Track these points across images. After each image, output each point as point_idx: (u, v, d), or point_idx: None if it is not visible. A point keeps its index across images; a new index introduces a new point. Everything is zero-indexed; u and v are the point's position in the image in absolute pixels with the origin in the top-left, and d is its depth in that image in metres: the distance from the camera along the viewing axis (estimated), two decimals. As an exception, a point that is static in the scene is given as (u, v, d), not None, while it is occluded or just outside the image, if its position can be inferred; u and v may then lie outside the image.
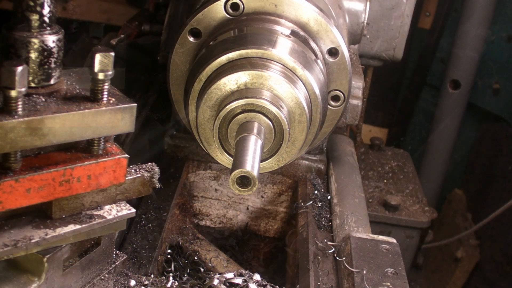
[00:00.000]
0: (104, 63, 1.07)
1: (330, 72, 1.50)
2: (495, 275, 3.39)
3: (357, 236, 1.48)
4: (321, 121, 1.46)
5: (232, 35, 1.41)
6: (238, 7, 1.45)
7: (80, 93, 1.11)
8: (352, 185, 1.83)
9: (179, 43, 1.49)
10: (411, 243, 2.75)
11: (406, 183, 2.88)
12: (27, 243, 1.07)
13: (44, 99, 1.06)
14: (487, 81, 3.74)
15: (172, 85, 1.55)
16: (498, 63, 3.67)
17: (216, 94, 1.34)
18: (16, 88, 0.96)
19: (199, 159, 1.86)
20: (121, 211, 1.22)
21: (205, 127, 1.39)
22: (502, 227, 3.40)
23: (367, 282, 1.32)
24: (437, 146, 3.86)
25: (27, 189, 1.04)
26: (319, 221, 1.65)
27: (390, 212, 2.66)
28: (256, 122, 1.30)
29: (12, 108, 0.98)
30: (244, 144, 1.24)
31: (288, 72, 1.35)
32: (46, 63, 1.07)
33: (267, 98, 1.31)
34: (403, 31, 2.08)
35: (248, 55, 1.35)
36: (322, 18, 1.45)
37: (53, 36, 1.07)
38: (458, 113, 3.78)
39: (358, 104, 1.73)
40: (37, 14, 1.04)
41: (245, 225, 1.92)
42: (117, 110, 1.11)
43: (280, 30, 1.42)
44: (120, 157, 1.15)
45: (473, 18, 3.55)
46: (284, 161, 1.42)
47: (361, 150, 2.99)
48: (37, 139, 1.02)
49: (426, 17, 3.89)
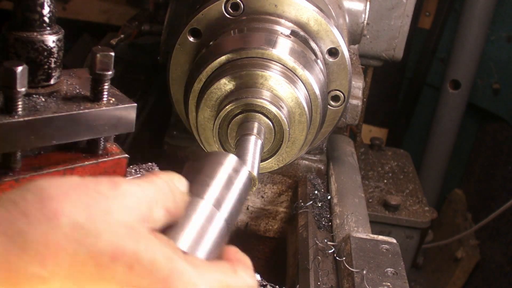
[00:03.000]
0: (104, 63, 1.07)
1: (330, 72, 1.50)
2: (495, 275, 3.39)
3: (357, 236, 1.48)
4: (321, 121, 1.46)
5: (232, 35, 1.41)
6: (238, 7, 1.45)
7: (80, 93, 1.11)
8: (352, 185, 1.83)
9: (179, 43, 1.49)
10: (411, 243, 2.74)
11: (406, 183, 2.88)
12: (27, 243, 1.07)
13: (44, 99, 1.06)
14: (487, 81, 3.74)
15: (172, 85, 1.55)
16: (498, 63, 3.67)
17: (216, 94, 1.34)
18: (16, 88, 0.96)
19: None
20: (121, 211, 1.21)
21: (205, 127, 1.39)
22: (502, 227, 3.40)
23: (367, 282, 1.32)
24: (437, 146, 3.85)
25: (27, 189, 1.03)
26: (319, 221, 1.65)
27: (390, 212, 2.65)
28: (256, 122, 1.30)
29: (12, 108, 0.99)
30: (244, 144, 1.24)
31: (288, 72, 1.35)
32: (46, 63, 1.07)
33: (267, 98, 1.31)
34: (403, 31, 2.08)
35: (248, 55, 1.35)
36: (322, 18, 1.45)
37: (53, 36, 1.07)
38: (458, 113, 3.78)
39: (358, 104, 1.73)
40: (37, 14, 1.04)
41: (245, 225, 1.92)
42: (117, 110, 1.11)
43: (280, 30, 1.43)
44: (120, 157, 1.15)
45: (473, 18, 3.55)
46: (284, 161, 1.42)
47: (361, 150, 2.99)
48: (37, 139, 1.02)
49: (426, 17, 3.89)
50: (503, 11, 3.61)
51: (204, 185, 0.91)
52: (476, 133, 3.95)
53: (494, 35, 3.66)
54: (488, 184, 3.70)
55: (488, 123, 3.85)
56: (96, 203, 0.73)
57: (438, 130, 3.83)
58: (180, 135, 1.86)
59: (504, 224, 3.38)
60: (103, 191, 0.75)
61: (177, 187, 0.85)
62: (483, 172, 3.79)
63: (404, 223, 2.67)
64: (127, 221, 0.75)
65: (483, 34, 3.59)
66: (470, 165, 3.97)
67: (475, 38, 3.58)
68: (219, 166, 0.96)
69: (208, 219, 0.87)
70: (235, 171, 0.97)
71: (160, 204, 0.80)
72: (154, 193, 0.80)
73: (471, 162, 3.97)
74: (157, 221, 0.79)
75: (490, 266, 3.44)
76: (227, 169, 0.96)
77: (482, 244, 3.54)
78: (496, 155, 3.70)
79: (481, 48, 3.63)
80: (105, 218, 0.73)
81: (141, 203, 0.78)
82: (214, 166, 0.96)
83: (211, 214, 0.88)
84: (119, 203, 0.75)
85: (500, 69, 3.67)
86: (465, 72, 3.67)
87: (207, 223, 0.86)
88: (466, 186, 3.92)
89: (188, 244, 0.82)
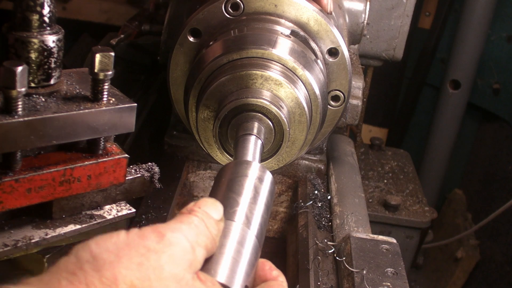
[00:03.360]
0: (104, 63, 1.07)
1: (330, 72, 1.50)
2: (495, 275, 3.39)
3: (357, 236, 1.48)
4: (321, 121, 1.46)
5: (232, 35, 1.41)
6: (238, 7, 1.45)
7: (80, 93, 1.11)
8: (352, 185, 1.83)
9: (179, 43, 1.49)
10: (411, 243, 2.74)
11: (406, 183, 2.88)
12: (27, 243, 1.08)
13: (44, 99, 1.06)
14: (487, 81, 3.74)
15: (172, 85, 1.55)
16: (498, 63, 3.67)
17: (216, 94, 1.34)
18: (16, 88, 0.97)
19: (199, 159, 1.86)
20: (121, 211, 1.22)
21: (205, 127, 1.39)
22: (502, 227, 3.40)
23: (367, 282, 1.32)
24: (437, 146, 3.86)
25: (27, 189, 1.04)
26: (319, 221, 1.65)
27: (390, 212, 2.65)
28: (256, 122, 1.30)
29: (12, 108, 0.99)
30: (244, 144, 1.24)
31: (288, 72, 1.35)
32: (46, 63, 1.07)
33: (267, 98, 1.31)
34: (403, 31, 2.08)
35: (248, 55, 1.35)
36: (322, 18, 1.45)
37: (53, 36, 1.07)
38: (458, 113, 3.78)
39: (358, 104, 1.73)
40: (37, 14, 1.04)
41: (245, 225, 1.92)
42: (117, 110, 1.11)
43: (280, 30, 1.42)
44: (120, 157, 1.15)
45: (473, 18, 3.55)
46: (284, 161, 1.42)
47: (361, 150, 2.99)
48: (37, 139, 1.02)
49: (426, 17, 3.89)
50: (503, 11, 3.61)
51: (234, 205, 0.99)
52: (476, 133, 3.94)
53: (494, 35, 3.66)
54: (488, 184, 3.70)
55: (488, 123, 3.85)
56: (147, 261, 0.80)
57: (438, 130, 3.83)
58: (180, 135, 1.86)
59: (504, 224, 3.38)
60: (151, 246, 0.82)
61: (212, 221, 0.91)
62: (483, 172, 3.79)
63: (404, 223, 2.67)
64: (177, 272, 0.82)
65: (483, 34, 3.59)
66: (470, 165, 3.97)
67: (475, 38, 3.58)
68: (245, 179, 1.04)
69: (241, 242, 0.95)
70: (260, 180, 1.06)
71: (202, 245, 0.87)
72: (195, 236, 0.87)
73: (471, 162, 3.97)
74: (200, 262, 0.87)
75: (490, 266, 3.45)
76: (252, 180, 1.04)
77: (482, 244, 3.54)
78: (496, 155, 3.70)
79: (481, 48, 3.63)
80: (157, 274, 0.80)
81: (186, 250, 0.85)
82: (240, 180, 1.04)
83: (243, 235, 0.96)
84: (167, 256, 0.82)
85: (500, 69, 3.67)
86: (465, 72, 3.67)
87: (240, 246, 0.94)
88: (466, 186, 3.92)
89: (227, 270, 0.90)
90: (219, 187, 1.04)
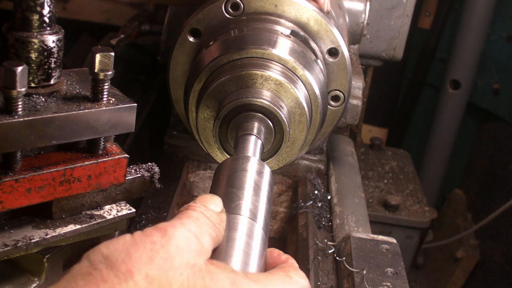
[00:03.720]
0: (104, 63, 1.07)
1: (330, 72, 1.50)
2: (495, 275, 3.39)
3: (357, 236, 1.48)
4: (321, 121, 1.46)
5: (232, 35, 1.41)
6: (238, 7, 1.45)
7: (80, 93, 1.11)
8: (352, 185, 1.83)
9: (179, 43, 1.49)
10: (411, 243, 2.75)
11: (406, 183, 2.88)
12: (27, 243, 1.08)
13: (44, 99, 1.06)
14: (487, 81, 3.74)
15: (172, 85, 1.55)
16: (498, 63, 3.67)
17: (216, 94, 1.34)
18: (16, 88, 0.96)
19: (199, 159, 1.86)
20: (121, 211, 1.22)
21: (205, 127, 1.39)
22: (502, 227, 3.40)
23: (367, 282, 1.32)
24: (437, 146, 3.86)
25: (27, 189, 1.04)
26: (319, 221, 1.65)
27: (390, 212, 2.66)
28: (256, 122, 1.30)
29: (12, 108, 0.98)
30: (244, 144, 1.24)
31: (288, 72, 1.35)
32: (46, 63, 1.07)
33: (267, 98, 1.31)
34: (403, 31, 2.08)
35: (248, 55, 1.35)
36: (322, 18, 1.45)
37: (53, 36, 1.07)
38: (458, 113, 3.78)
39: (358, 104, 1.73)
40: (37, 14, 1.04)
41: (245, 225, 1.92)
42: (117, 110, 1.11)
43: (280, 30, 1.42)
44: (120, 157, 1.15)
45: (473, 18, 3.55)
46: (284, 161, 1.42)
47: (361, 150, 2.99)
48: (37, 139, 1.02)
49: (426, 17, 3.89)
50: (503, 11, 3.61)
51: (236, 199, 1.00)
52: (476, 133, 3.95)
53: (494, 35, 3.66)
54: (488, 184, 3.70)
55: (488, 123, 3.85)
56: (156, 254, 0.83)
57: (438, 130, 3.83)
58: (180, 135, 1.86)
59: (504, 224, 3.38)
60: (157, 241, 0.84)
61: (212, 212, 0.94)
62: (483, 172, 3.79)
63: (404, 223, 2.67)
64: (188, 260, 0.84)
65: (483, 34, 3.59)
66: (470, 165, 3.97)
67: (475, 38, 3.58)
68: (244, 174, 1.05)
69: (249, 234, 0.96)
70: (259, 173, 1.06)
71: (205, 234, 0.90)
72: (197, 227, 0.90)
73: (471, 162, 3.97)
74: (208, 250, 0.89)
75: (490, 266, 3.45)
76: (251, 174, 1.05)
77: (482, 244, 3.54)
78: (496, 155, 3.70)
79: (481, 48, 3.63)
80: (169, 264, 0.83)
81: (191, 240, 0.87)
82: (240, 175, 1.04)
83: (250, 228, 0.97)
84: (174, 247, 0.85)
85: (500, 69, 3.67)
86: (465, 72, 3.67)
87: (249, 239, 0.95)
88: (466, 186, 3.92)
89: (239, 263, 0.91)
90: (219, 183, 1.05)
